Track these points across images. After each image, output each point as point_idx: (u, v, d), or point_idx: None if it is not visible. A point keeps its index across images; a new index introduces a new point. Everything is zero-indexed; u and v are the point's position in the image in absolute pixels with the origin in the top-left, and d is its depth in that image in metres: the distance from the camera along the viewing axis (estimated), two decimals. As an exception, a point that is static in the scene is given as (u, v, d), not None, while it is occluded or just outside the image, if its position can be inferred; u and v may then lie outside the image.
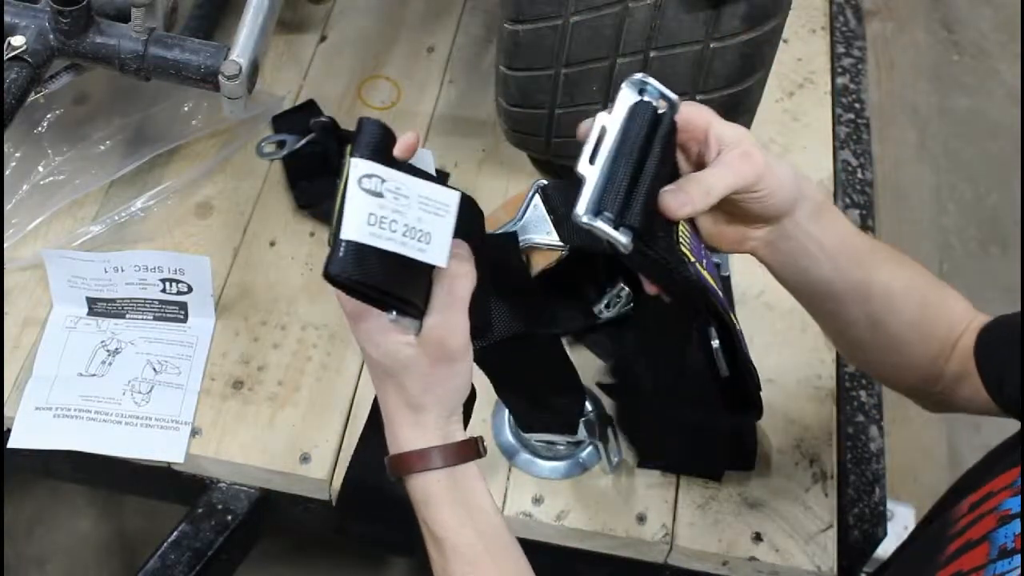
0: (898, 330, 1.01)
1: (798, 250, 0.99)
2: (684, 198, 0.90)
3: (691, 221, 0.96)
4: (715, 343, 1.02)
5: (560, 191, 1.27)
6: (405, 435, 0.88)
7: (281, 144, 1.43)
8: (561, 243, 1.25)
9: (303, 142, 1.41)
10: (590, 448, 1.22)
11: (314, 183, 1.42)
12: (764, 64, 1.23)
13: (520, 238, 1.27)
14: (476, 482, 0.88)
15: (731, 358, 1.02)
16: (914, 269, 1.04)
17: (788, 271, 1.02)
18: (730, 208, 0.94)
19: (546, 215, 1.27)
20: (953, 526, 0.80)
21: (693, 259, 0.93)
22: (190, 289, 1.27)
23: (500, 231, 1.13)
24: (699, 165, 0.94)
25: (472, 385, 0.91)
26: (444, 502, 0.87)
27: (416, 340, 0.86)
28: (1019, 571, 0.70)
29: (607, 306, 1.27)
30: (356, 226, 0.79)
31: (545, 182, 1.28)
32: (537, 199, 1.28)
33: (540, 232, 1.27)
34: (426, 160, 1.39)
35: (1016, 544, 0.71)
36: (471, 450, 0.89)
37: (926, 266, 1.03)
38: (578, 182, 0.87)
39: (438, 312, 0.86)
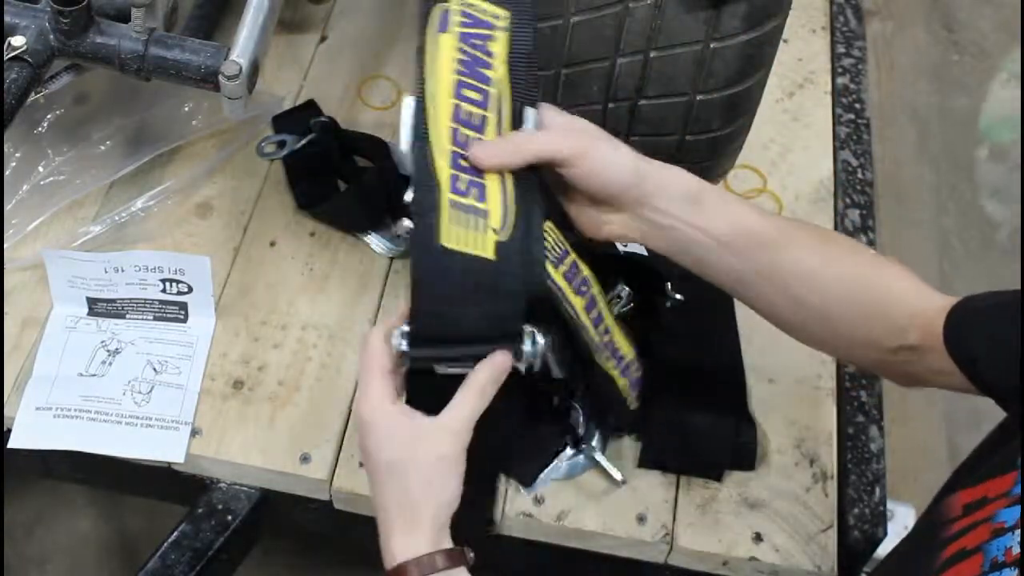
0: (827, 309, 1.00)
1: (680, 238, 1.00)
2: (491, 149, 0.92)
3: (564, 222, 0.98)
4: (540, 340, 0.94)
5: None
6: (399, 543, 0.88)
7: (281, 144, 1.43)
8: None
9: (303, 142, 1.42)
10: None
11: (314, 183, 1.42)
12: (764, 64, 1.23)
13: None
14: None
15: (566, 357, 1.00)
16: (841, 247, 1.03)
17: (683, 259, 1.03)
18: (567, 186, 0.97)
19: (547, 215, 1.28)
20: (947, 527, 0.79)
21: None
22: (190, 289, 1.27)
23: None
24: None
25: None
26: None
27: (423, 430, 0.89)
28: None
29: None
30: None
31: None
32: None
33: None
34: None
35: (1007, 558, 0.71)
36: (461, 558, 0.89)
37: (926, 267, 1.03)
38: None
39: (459, 405, 0.89)
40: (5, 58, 1.14)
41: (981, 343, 0.92)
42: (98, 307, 1.29)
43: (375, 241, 1.38)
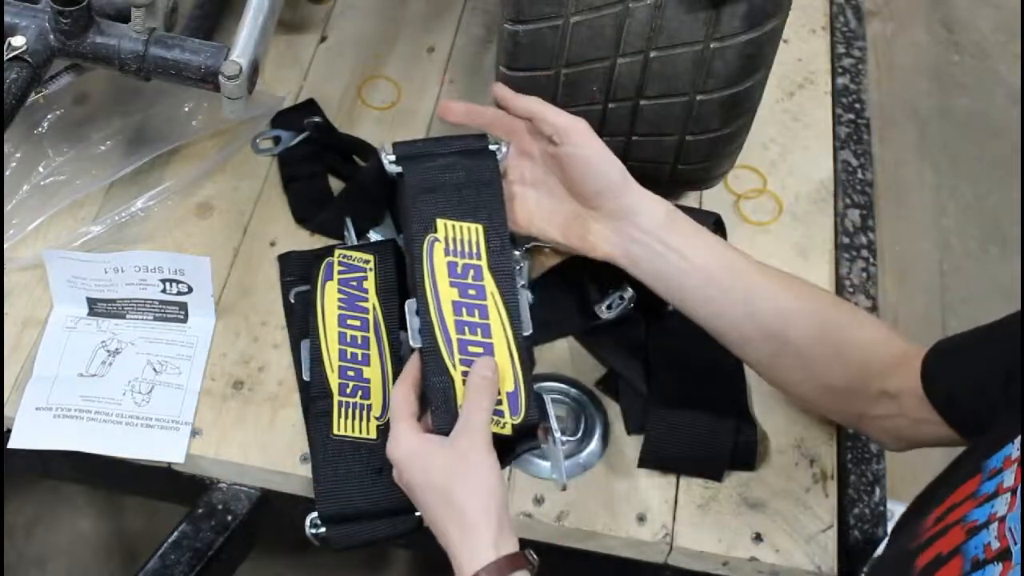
0: (801, 348, 1.02)
1: (655, 257, 1.03)
2: (504, 92, 1.11)
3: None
4: (410, 319, 1.08)
5: None
6: (465, 557, 0.92)
7: (276, 140, 1.43)
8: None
9: (298, 139, 1.42)
10: (591, 448, 1.22)
11: (309, 193, 1.41)
12: (764, 64, 1.23)
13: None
14: None
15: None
16: (812, 291, 1.06)
17: (662, 285, 1.06)
18: (552, 180, 1.07)
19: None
20: (918, 538, 0.79)
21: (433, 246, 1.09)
22: (190, 289, 1.27)
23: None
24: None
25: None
26: None
27: (453, 449, 0.96)
28: None
29: (608, 307, 1.27)
30: None
31: None
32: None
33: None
34: None
35: (987, 554, 0.72)
36: (522, 561, 0.93)
37: (926, 267, 1.05)
38: None
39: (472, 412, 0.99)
40: (5, 58, 1.14)
41: (954, 377, 0.93)
42: (98, 307, 1.29)
43: (376, 239, 1.37)
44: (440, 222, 1.10)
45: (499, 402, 1.02)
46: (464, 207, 1.10)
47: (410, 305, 1.08)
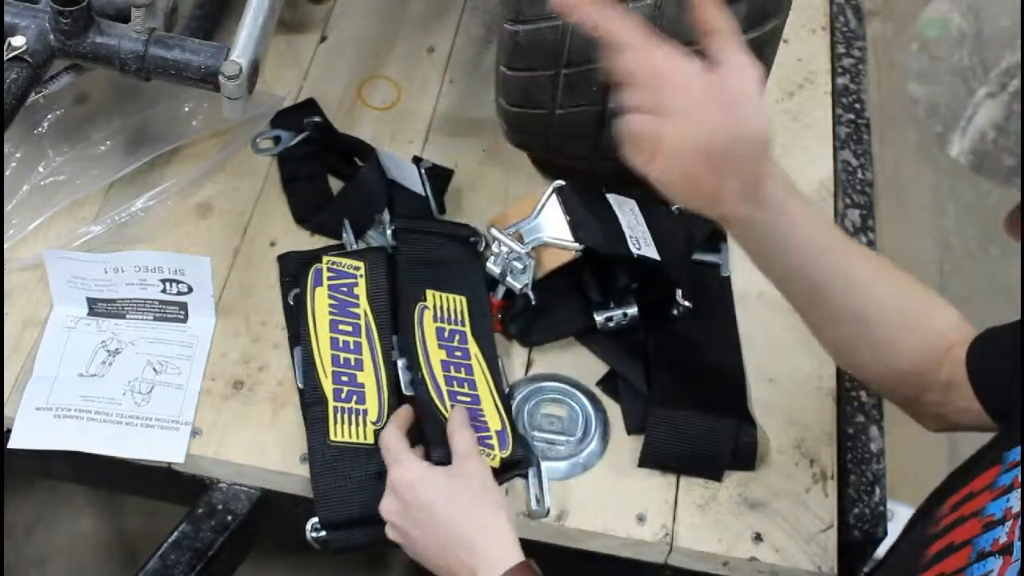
0: (886, 329, 1.01)
1: (770, 227, 0.97)
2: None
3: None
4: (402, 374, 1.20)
5: (577, 194, 1.29)
6: (489, 565, 0.96)
7: (277, 140, 1.43)
8: (575, 242, 1.26)
9: (298, 139, 1.42)
10: (591, 448, 1.22)
11: (308, 193, 1.41)
12: (764, 64, 1.23)
13: (533, 235, 1.29)
14: None
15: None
16: (897, 271, 1.05)
17: (764, 253, 1.01)
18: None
19: (562, 215, 1.28)
20: (935, 526, 0.80)
21: None
22: (190, 289, 1.27)
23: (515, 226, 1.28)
24: None
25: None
26: None
27: (461, 469, 1.04)
28: (995, 573, 0.71)
29: (608, 319, 1.28)
30: None
31: (563, 183, 1.29)
32: (554, 199, 1.30)
33: (554, 231, 1.28)
34: (410, 173, 1.39)
35: (993, 547, 0.72)
36: (531, 571, 0.96)
37: (926, 267, 1.04)
38: None
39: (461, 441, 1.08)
40: (5, 58, 1.14)
41: (994, 367, 0.93)
42: (98, 307, 1.29)
43: (377, 239, 1.37)
44: (429, 292, 1.25)
45: (489, 438, 1.14)
46: (449, 281, 1.26)
47: (402, 363, 1.20)
